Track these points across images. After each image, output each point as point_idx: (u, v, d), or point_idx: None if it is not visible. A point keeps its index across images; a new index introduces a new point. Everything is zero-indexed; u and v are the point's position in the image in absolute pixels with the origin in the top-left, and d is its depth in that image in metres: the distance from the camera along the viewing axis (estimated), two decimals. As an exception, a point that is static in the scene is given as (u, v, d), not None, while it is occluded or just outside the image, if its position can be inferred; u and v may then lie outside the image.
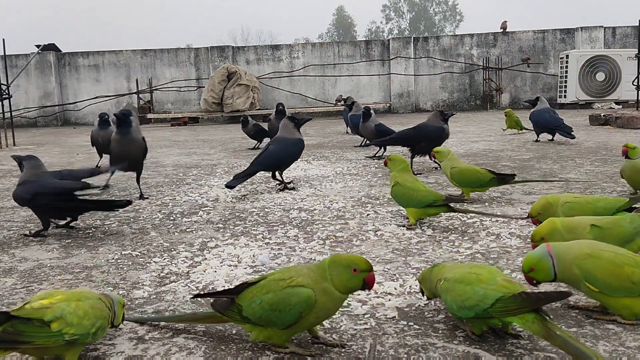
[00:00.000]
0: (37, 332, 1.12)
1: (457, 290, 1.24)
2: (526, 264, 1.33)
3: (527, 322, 1.14)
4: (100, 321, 1.21)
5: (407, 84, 13.33)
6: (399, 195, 2.34)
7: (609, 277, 1.28)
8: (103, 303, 1.26)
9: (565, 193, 2.11)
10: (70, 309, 1.16)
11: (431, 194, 2.27)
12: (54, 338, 1.12)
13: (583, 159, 4.14)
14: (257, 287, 1.24)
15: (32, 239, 2.37)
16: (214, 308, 1.29)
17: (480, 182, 2.72)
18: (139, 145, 3.17)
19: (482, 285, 1.21)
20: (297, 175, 3.92)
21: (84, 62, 13.64)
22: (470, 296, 1.21)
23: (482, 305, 1.19)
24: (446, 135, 3.93)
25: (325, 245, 2.09)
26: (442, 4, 50.27)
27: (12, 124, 7.60)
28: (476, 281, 1.23)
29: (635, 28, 12.78)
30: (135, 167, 3.20)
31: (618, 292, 1.28)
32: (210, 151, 5.91)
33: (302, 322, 1.20)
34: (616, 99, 11.38)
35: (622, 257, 1.31)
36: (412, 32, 44.94)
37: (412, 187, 2.29)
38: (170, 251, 2.09)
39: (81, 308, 1.18)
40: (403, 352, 1.21)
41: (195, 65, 13.55)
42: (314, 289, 1.19)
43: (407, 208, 2.33)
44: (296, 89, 13.44)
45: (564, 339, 1.08)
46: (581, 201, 1.91)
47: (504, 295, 1.17)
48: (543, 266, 1.31)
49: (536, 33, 13.26)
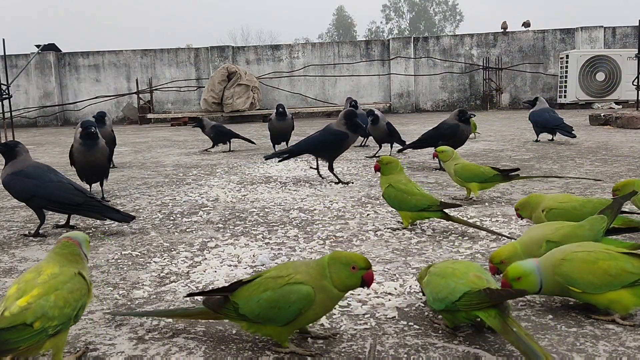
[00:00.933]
0: (21, 336, 1.11)
1: (434, 283, 1.30)
2: (514, 272, 1.34)
3: (489, 316, 1.18)
4: (81, 301, 1.20)
5: (407, 84, 13.33)
6: (392, 198, 2.27)
7: (587, 275, 1.31)
8: (80, 278, 1.22)
9: (557, 194, 2.11)
10: (50, 303, 1.14)
11: (426, 198, 2.20)
12: (38, 336, 1.12)
13: (583, 159, 4.14)
14: (253, 284, 1.24)
15: (32, 238, 2.37)
16: (206, 306, 1.29)
17: (484, 176, 2.71)
18: (103, 153, 3.12)
19: (454, 279, 1.26)
20: (297, 175, 3.92)
21: (84, 62, 13.64)
22: (442, 289, 1.26)
23: (451, 298, 1.23)
24: (462, 133, 3.90)
25: (325, 245, 2.09)
26: (442, 4, 50.27)
27: (12, 124, 7.60)
28: (450, 275, 1.28)
29: (635, 28, 12.78)
30: (101, 175, 3.16)
31: (600, 288, 1.30)
32: (210, 151, 5.90)
33: (301, 319, 1.21)
34: (616, 99, 11.38)
35: (595, 253, 1.33)
36: (412, 32, 44.94)
37: (406, 190, 2.23)
38: (170, 251, 2.09)
39: (61, 297, 1.16)
40: (403, 352, 1.21)
41: (195, 65, 13.55)
42: (313, 286, 1.20)
43: (400, 211, 2.28)
44: (296, 89, 13.44)
45: (518, 336, 1.12)
46: (567, 207, 1.88)
47: (470, 290, 1.21)
48: (531, 280, 1.34)
49: (536, 33, 13.26)
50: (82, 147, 3.06)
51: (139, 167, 4.77)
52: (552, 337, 1.25)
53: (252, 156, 5.26)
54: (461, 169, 2.74)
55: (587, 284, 1.31)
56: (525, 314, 1.39)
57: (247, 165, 4.62)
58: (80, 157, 3.08)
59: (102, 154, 3.11)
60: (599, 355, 1.17)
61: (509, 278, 1.34)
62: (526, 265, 1.36)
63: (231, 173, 4.15)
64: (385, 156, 2.39)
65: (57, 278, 1.18)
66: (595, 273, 1.30)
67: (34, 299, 1.13)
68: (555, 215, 1.87)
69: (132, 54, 13.63)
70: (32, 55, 12.92)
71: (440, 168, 3.89)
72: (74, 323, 1.19)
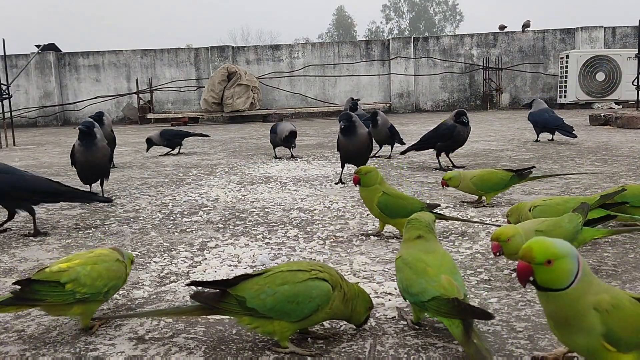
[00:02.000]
0: (51, 291, 1.29)
1: (406, 274, 1.32)
2: (544, 251, 0.98)
3: (452, 324, 1.19)
4: (114, 282, 1.37)
5: (407, 84, 13.33)
6: (388, 207, 2.11)
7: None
8: (121, 264, 1.41)
9: (544, 197, 2.17)
10: (85, 271, 1.32)
11: (417, 202, 2.14)
12: (65, 296, 1.29)
13: (583, 159, 4.14)
14: (264, 278, 1.24)
15: (32, 238, 2.37)
16: (199, 300, 1.25)
17: (504, 182, 2.67)
18: (104, 153, 3.15)
19: (426, 279, 1.27)
20: (297, 175, 3.92)
21: (84, 62, 13.64)
22: (414, 285, 1.28)
23: (421, 298, 1.26)
24: (458, 134, 3.87)
25: (325, 245, 2.09)
26: (442, 4, 50.27)
27: (12, 124, 7.60)
28: (422, 273, 1.28)
29: (635, 28, 12.78)
30: (101, 175, 3.19)
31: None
32: (210, 151, 5.91)
33: (314, 317, 1.23)
34: (616, 99, 11.38)
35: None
36: (412, 32, 44.94)
37: (401, 195, 2.16)
38: (170, 251, 2.09)
39: (96, 270, 1.34)
40: (403, 352, 1.21)
41: (195, 65, 13.55)
42: (333, 286, 1.24)
43: (392, 220, 2.13)
44: (296, 89, 13.44)
45: (478, 349, 1.13)
46: (551, 203, 1.98)
47: (440, 296, 1.22)
48: (566, 267, 0.98)
49: (536, 33, 13.26)
50: (81, 147, 3.08)
51: (139, 167, 4.77)
52: (552, 337, 1.25)
53: (252, 156, 5.26)
54: (480, 181, 2.65)
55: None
56: (525, 314, 1.39)
57: (247, 165, 4.62)
58: (80, 157, 3.09)
59: (102, 154, 3.12)
60: (599, 355, 1.16)
61: (536, 260, 0.98)
62: (561, 246, 0.99)
63: (231, 173, 4.15)
64: (364, 166, 2.25)
65: (100, 257, 1.38)
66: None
67: (73, 265, 1.33)
68: (540, 211, 1.94)
69: (132, 54, 13.63)
70: (32, 55, 12.92)
71: (441, 168, 3.89)
72: (104, 300, 1.37)
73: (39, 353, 1.26)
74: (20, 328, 1.41)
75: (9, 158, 5.81)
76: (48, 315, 1.42)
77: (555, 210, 1.93)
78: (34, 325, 1.43)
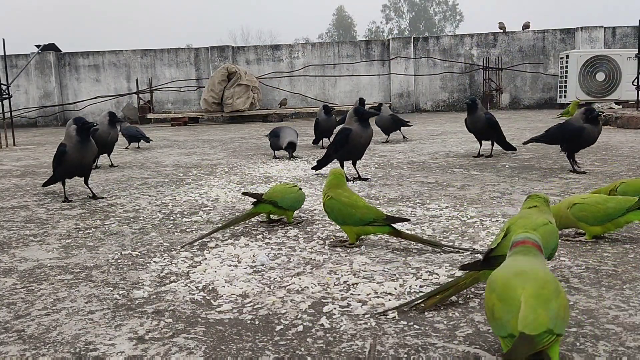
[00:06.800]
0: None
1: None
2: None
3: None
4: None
5: (407, 84, 13.32)
6: (334, 211, 2.07)
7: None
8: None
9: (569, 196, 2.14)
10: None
11: (371, 211, 2.03)
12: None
13: (583, 159, 4.14)
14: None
15: (32, 238, 2.37)
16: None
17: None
18: (94, 152, 3.29)
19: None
20: (297, 175, 3.92)
21: (84, 62, 13.63)
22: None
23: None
24: (588, 135, 3.49)
25: (325, 245, 2.09)
26: (442, 4, 50.27)
27: (12, 124, 7.60)
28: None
29: (635, 28, 12.78)
30: (86, 171, 3.26)
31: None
32: (210, 151, 5.91)
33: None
34: (616, 99, 11.38)
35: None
36: (412, 32, 44.93)
37: (349, 202, 2.05)
38: (170, 251, 2.09)
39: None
40: (403, 352, 1.21)
41: (195, 65, 13.55)
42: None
43: (342, 226, 2.08)
44: (296, 89, 13.43)
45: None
46: (590, 202, 1.98)
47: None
48: None
49: (536, 33, 13.26)
50: (79, 144, 3.11)
51: (139, 167, 4.77)
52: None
53: (252, 156, 5.26)
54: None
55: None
56: (525, 314, 1.39)
57: (247, 165, 4.62)
58: (76, 154, 3.12)
59: (92, 152, 3.26)
60: (599, 355, 1.17)
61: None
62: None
63: (231, 173, 4.15)
64: (332, 169, 2.24)
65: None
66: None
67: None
68: (580, 209, 1.97)
69: (132, 54, 13.63)
70: (32, 55, 12.91)
71: (574, 171, 3.64)
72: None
73: (39, 353, 1.26)
74: (20, 328, 1.41)
75: (9, 158, 5.80)
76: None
77: (595, 209, 1.93)
78: (34, 325, 1.43)
